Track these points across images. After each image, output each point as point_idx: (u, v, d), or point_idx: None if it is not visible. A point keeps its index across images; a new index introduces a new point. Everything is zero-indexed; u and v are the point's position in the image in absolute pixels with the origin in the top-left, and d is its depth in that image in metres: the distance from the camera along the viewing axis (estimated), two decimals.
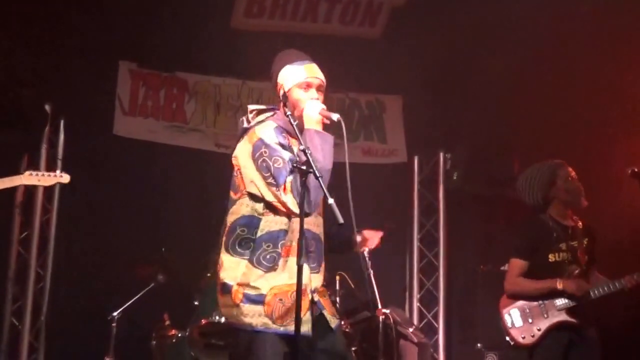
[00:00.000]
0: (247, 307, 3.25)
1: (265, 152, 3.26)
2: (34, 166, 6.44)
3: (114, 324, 5.51)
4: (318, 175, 3.12)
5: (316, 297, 3.34)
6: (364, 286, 5.21)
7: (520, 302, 4.81)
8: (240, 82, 7.06)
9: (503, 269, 5.23)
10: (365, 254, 5.25)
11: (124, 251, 6.17)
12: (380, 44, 6.96)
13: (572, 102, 6.45)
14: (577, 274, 4.73)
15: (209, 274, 5.56)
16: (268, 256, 3.27)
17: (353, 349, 5.23)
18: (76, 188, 6.39)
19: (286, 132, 3.36)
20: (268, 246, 3.27)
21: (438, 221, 7.21)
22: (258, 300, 3.25)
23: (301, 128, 3.33)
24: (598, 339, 4.76)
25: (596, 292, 4.70)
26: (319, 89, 3.42)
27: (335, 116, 3.30)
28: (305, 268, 3.24)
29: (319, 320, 3.35)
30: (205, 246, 6.05)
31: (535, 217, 4.95)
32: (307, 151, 3.15)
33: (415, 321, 6.88)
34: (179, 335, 5.37)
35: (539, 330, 4.72)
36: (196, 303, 5.34)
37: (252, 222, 3.30)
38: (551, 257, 4.78)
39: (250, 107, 3.54)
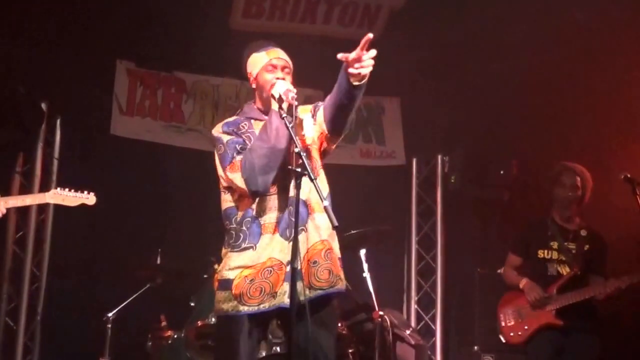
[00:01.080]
0: (220, 294, 3.38)
1: (216, 144, 3.50)
2: (30, 164, 6.44)
3: (109, 325, 5.47)
4: (313, 177, 3.16)
5: (297, 266, 3.21)
6: (361, 288, 5.20)
7: (516, 302, 4.98)
8: (238, 83, 7.05)
9: (500, 272, 5.33)
10: (362, 256, 5.27)
11: (120, 252, 6.16)
12: (379, 46, 6.93)
13: (570, 106, 6.45)
14: (569, 277, 4.84)
15: (205, 275, 5.55)
16: (242, 237, 3.36)
17: (350, 351, 5.20)
18: (72, 187, 6.41)
19: (250, 118, 3.54)
20: (242, 229, 3.37)
21: (436, 224, 7.20)
22: (227, 285, 3.35)
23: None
24: (595, 342, 4.77)
25: (559, 302, 4.80)
26: (283, 69, 3.52)
27: (292, 93, 3.33)
28: (279, 241, 3.32)
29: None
30: (202, 247, 6.05)
31: (538, 217, 5.19)
32: (301, 154, 3.18)
33: (413, 323, 6.87)
34: (175, 336, 5.33)
35: (526, 328, 4.89)
36: (192, 304, 5.30)
37: (231, 212, 3.44)
38: (540, 254, 4.97)
39: None
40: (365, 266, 5.19)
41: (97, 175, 6.45)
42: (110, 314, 5.49)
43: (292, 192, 3.32)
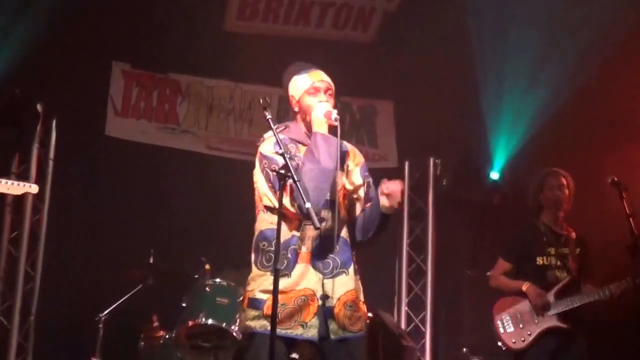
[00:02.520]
0: (249, 312, 3.36)
1: (265, 163, 3.40)
2: (25, 165, 6.48)
3: (101, 325, 5.49)
4: (296, 179, 3.19)
5: (329, 304, 3.32)
6: None
7: (513, 308, 4.93)
8: (233, 85, 7.10)
9: (489, 274, 5.32)
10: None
11: (113, 252, 6.17)
12: (372, 48, 7.00)
13: (564, 111, 6.50)
14: (567, 282, 4.83)
15: (197, 276, 5.59)
16: (284, 263, 3.31)
17: None
18: (67, 188, 6.46)
19: (297, 141, 3.47)
20: (283, 254, 3.32)
21: (427, 226, 7.21)
22: (258, 305, 3.34)
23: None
24: (585, 344, 4.83)
25: (560, 307, 4.79)
26: (326, 91, 3.50)
27: (334, 114, 3.37)
28: (314, 273, 3.33)
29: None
30: (194, 248, 6.10)
31: (528, 222, 5.11)
32: (285, 155, 3.23)
33: (403, 325, 6.90)
34: (167, 336, 5.36)
35: (529, 334, 4.83)
36: (184, 305, 5.33)
37: (271, 235, 3.37)
38: (539, 261, 4.91)
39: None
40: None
41: (91, 175, 6.52)
42: (102, 314, 5.51)
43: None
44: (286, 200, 3.28)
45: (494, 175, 7.14)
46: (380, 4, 6.78)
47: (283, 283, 3.29)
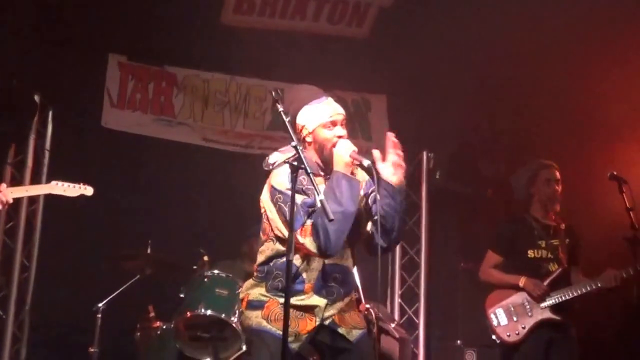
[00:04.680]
0: (248, 312, 3.44)
1: (279, 197, 3.34)
2: (21, 156, 6.48)
3: (98, 315, 5.51)
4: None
5: (328, 322, 3.41)
6: None
7: (506, 301, 4.96)
8: (228, 78, 7.12)
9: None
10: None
11: (109, 243, 6.17)
12: (367, 43, 7.04)
13: (556, 104, 6.57)
14: (559, 273, 4.88)
15: (195, 267, 5.63)
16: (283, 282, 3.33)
17: None
18: (63, 179, 6.45)
19: (310, 173, 3.25)
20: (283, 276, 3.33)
21: (420, 219, 7.27)
22: (257, 306, 3.42)
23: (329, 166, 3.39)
24: (574, 334, 4.89)
25: (556, 299, 4.85)
26: (342, 123, 3.44)
27: (367, 162, 3.29)
28: (319, 300, 3.39)
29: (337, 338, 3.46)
30: (192, 239, 6.14)
31: (518, 215, 5.14)
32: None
33: (397, 317, 6.96)
34: (164, 327, 5.39)
35: (523, 328, 4.87)
36: (182, 295, 5.35)
37: (276, 259, 3.43)
38: (530, 254, 4.96)
39: (272, 157, 3.49)
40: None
41: (88, 166, 6.51)
42: (99, 305, 5.53)
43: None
44: (307, 240, 3.27)
45: None
46: (375, 0, 6.83)
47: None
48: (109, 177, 6.48)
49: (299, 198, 3.28)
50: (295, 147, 3.23)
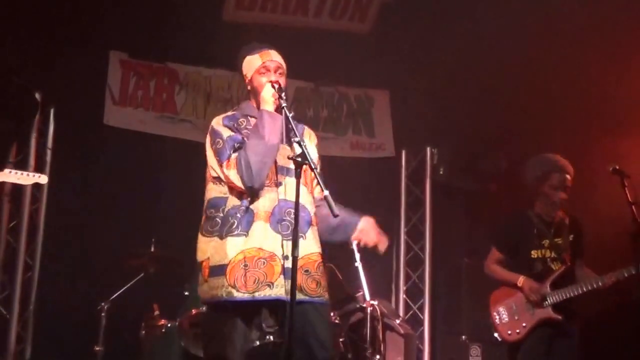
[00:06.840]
0: (212, 281, 3.41)
1: (212, 136, 3.57)
2: (23, 154, 6.47)
3: (103, 314, 5.51)
4: (313, 167, 3.31)
5: (288, 264, 3.34)
6: (352, 278, 5.26)
7: (508, 299, 4.94)
8: (230, 74, 7.08)
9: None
10: (354, 246, 5.34)
11: (113, 241, 6.15)
12: (370, 39, 7.02)
13: (559, 99, 6.55)
14: (562, 272, 4.85)
15: None
16: (235, 224, 3.42)
17: (340, 340, 5.29)
18: (66, 177, 6.44)
19: (249, 116, 3.61)
20: (235, 217, 3.43)
21: (424, 215, 7.28)
22: (220, 271, 3.39)
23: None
24: (575, 332, 4.87)
25: (555, 298, 4.81)
26: (277, 70, 3.63)
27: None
28: (274, 235, 3.40)
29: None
30: (196, 236, 6.09)
31: (520, 212, 5.10)
32: (301, 143, 3.32)
33: (401, 313, 6.96)
34: (169, 325, 5.36)
35: (524, 326, 4.85)
36: (186, 293, 5.33)
37: (218, 202, 3.53)
38: (534, 254, 4.93)
39: None
40: (357, 256, 5.24)
41: (90, 164, 6.52)
42: (104, 303, 5.53)
43: (282, 193, 3.47)
44: (231, 172, 3.41)
45: None
46: None
47: (242, 243, 3.38)
48: (112, 175, 6.48)
49: (226, 132, 3.50)
50: (298, 142, 3.36)
